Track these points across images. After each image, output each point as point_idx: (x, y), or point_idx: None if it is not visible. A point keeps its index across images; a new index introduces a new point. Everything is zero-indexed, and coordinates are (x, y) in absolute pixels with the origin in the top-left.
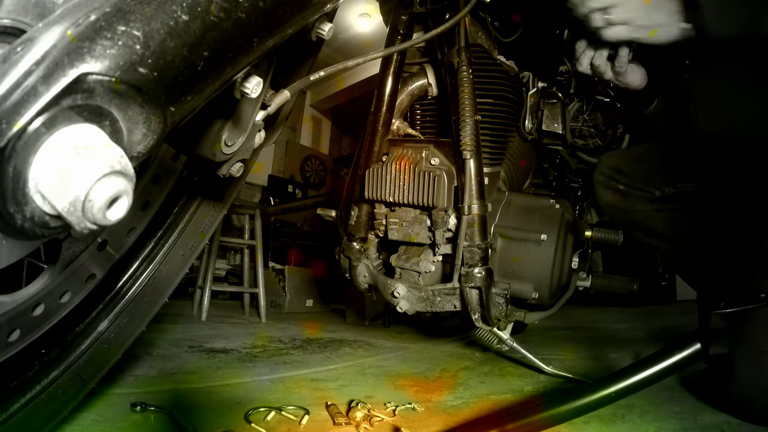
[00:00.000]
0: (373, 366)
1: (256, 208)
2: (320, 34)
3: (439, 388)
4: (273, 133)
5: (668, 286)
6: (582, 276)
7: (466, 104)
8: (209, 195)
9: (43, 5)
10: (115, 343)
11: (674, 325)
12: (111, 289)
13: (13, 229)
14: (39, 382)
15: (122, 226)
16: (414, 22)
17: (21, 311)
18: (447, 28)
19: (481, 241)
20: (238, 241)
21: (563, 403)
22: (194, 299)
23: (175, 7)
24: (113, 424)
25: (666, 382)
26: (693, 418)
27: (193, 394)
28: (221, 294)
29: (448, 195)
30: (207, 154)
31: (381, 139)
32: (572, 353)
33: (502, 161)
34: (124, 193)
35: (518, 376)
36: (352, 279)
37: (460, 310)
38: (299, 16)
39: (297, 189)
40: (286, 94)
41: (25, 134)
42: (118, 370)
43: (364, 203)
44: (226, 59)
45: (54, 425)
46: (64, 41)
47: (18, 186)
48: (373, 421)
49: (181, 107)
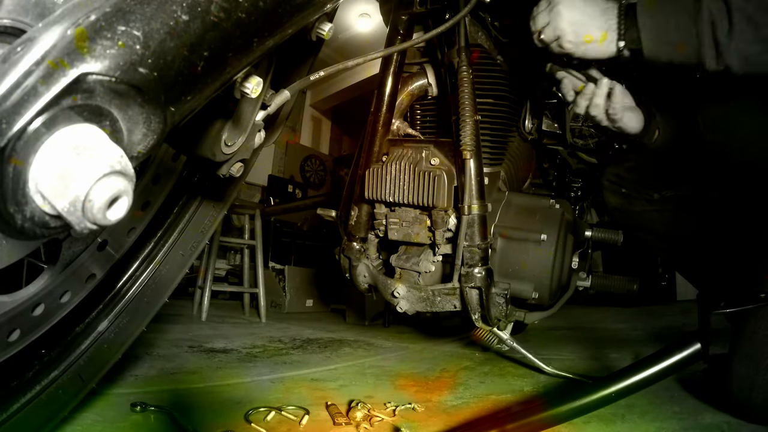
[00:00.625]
0: (373, 366)
1: (256, 208)
2: (320, 34)
3: (439, 388)
4: (273, 133)
5: (668, 286)
6: (582, 276)
7: (466, 104)
8: (209, 195)
9: (43, 5)
10: (115, 343)
11: (674, 325)
12: (111, 289)
13: (13, 229)
14: (39, 382)
15: (122, 226)
16: (414, 22)
17: (21, 311)
18: (447, 28)
19: (481, 241)
20: (238, 241)
21: (563, 403)
22: (194, 299)
23: (175, 7)
24: (113, 424)
25: (666, 382)
26: (693, 418)
27: (193, 394)
28: (221, 294)
29: (448, 195)
30: (207, 154)
31: (381, 139)
32: (572, 353)
33: (502, 161)
34: (124, 193)
35: (518, 376)
36: (352, 279)
37: (460, 310)
38: (299, 16)
39: (297, 189)
40: (286, 94)
41: (25, 134)
42: (118, 370)
43: (364, 203)
44: (226, 59)
45: (54, 425)
46: (65, 41)
47: (18, 186)
48: (373, 421)
49: (181, 107)
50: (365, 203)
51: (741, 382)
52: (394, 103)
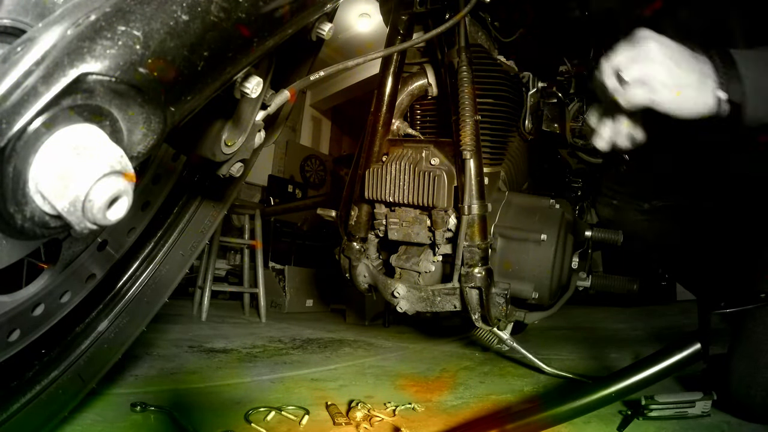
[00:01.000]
0: (373, 366)
1: (256, 208)
2: (320, 34)
3: (439, 388)
4: (273, 133)
5: (668, 286)
6: (582, 276)
7: (466, 104)
8: (209, 195)
9: (43, 5)
10: (115, 343)
11: (674, 325)
12: (111, 289)
13: (13, 229)
14: (39, 382)
15: (122, 226)
16: (414, 22)
17: (21, 311)
18: (447, 28)
19: (481, 241)
20: (238, 241)
21: (563, 403)
22: (194, 299)
23: (175, 7)
24: (113, 424)
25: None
26: (693, 418)
27: (193, 394)
28: (221, 294)
29: (448, 195)
30: (207, 154)
31: (381, 139)
32: (572, 353)
33: (502, 161)
34: (124, 193)
35: (518, 376)
36: (352, 279)
37: (460, 310)
38: (299, 16)
39: (297, 189)
40: (286, 94)
41: (25, 134)
42: (118, 370)
43: (364, 203)
44: (226, 59)
45: (54, 425)
46: (65, 41)
47: (18, 186)
48: (373, 421)
49: (181, 107)
50: (365, 203)
51: (740, 380)
52: (394, 103)
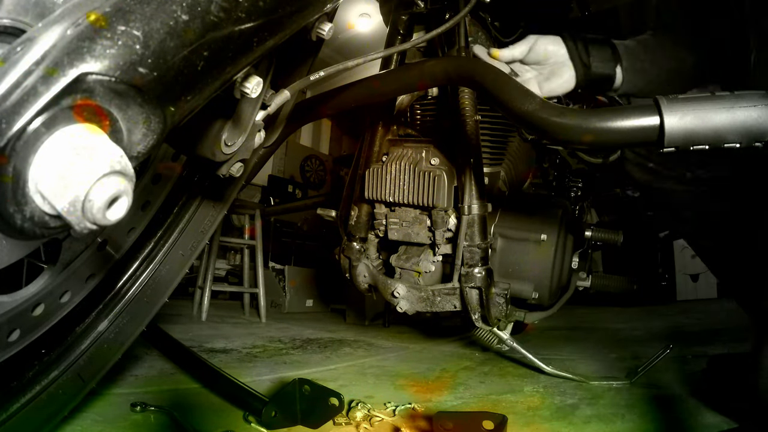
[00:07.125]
0: (373, 366)
1: (256, 208)
2: (320, 34)
3: (439, 388)
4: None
5: (668, 286)
6: (582, 276)
7: (466, 104)
8: (209, 195)
9: (43, 5)
10: (115, 343)
11: (674, 325)
12: (111, 289)
13: (13, 229)
14: (39, 382)
15: (122, 226)
16: (414, 22)
17: (21, 311)
18: (447, 28)
19: (481, 241)
20: (238, 241)
21: None
22: (194, 299)
23: (175, 7)
24: (113, 424)
25: (666, 382)
26: (693, 418)
27: (193, 394)
28: (221, 294)
29: (448, 195)
30: (207, 154)
31: (381, 139)
32: (572, 353)
33: (502, 161)
34: (124, 193)
35: (518, 376)
36: (352, 279)
37: (460, 310)
38: (299, 16)
39: (297, 189)
40: (286, 94)
41: (24, 134)
42: (118, 370)
43: (364, 203)
44: (226, 59)
45: (54, 425)
46: (65, 41)
47: (18, 186)
48: (373, 421)
49: (181, 107)
50: (365, 203)
51: None
52: (394, 103)
